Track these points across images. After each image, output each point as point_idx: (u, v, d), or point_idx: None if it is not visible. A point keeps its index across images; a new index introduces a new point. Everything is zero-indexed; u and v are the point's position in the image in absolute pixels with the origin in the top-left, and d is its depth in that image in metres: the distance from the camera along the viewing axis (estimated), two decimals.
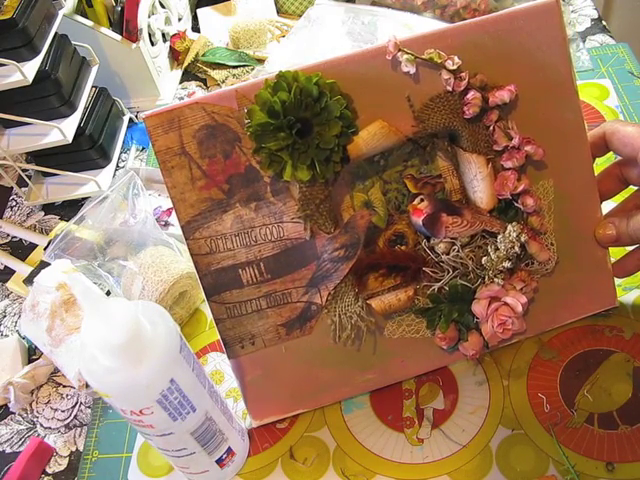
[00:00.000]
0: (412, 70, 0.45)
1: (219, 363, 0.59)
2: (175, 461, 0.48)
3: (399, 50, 0.44)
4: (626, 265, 0.51)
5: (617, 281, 0.53)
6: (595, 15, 0.86)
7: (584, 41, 0.82)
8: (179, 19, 0.94)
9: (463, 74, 0.45)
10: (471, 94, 0.45)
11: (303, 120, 0.43)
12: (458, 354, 0.51)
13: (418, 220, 0.48)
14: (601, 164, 0.54)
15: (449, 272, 0.49)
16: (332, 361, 0.51)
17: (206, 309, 0.63)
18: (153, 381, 0.40)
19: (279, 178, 0.45)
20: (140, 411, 0.40)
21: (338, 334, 0.49)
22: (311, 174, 0.44)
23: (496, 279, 0.48)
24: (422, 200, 0.48)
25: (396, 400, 0.53)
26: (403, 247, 0.49)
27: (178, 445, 0.45)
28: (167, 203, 0.74)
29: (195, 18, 0.98)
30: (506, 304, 0.48)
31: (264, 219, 0.47)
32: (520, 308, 0.48)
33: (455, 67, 0.45)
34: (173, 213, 0.73)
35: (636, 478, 0.46)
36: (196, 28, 0.97)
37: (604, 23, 0.85)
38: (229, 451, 0.49)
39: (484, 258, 0.48)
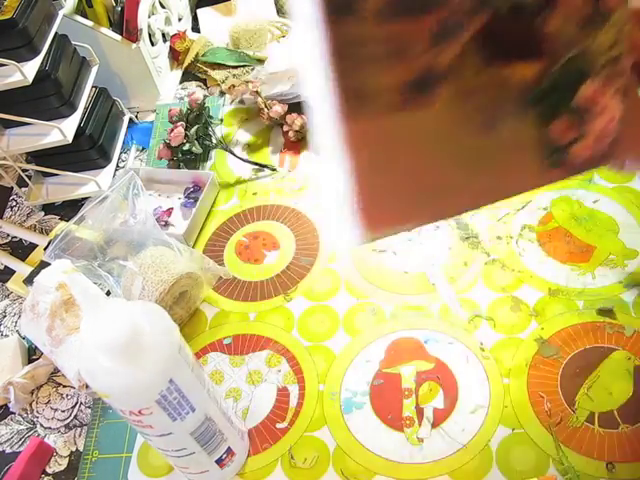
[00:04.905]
0: None
1: (219, 363, 0.59)
2: (175, 461, 0.48)
3: None
4: None
5: (617, 279, 0.52)
6: None
7: None
8: (179, 19, 0.94)
9: None
10: None
11: None
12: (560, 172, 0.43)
13: None
14: None
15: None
16: (450, 154, 0.38)
17: (206, 309, 0.63)
18: (152, 381, 0.40)
19: None
20: (139, 411, 0.40)
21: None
22: None
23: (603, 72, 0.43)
24: None
25: (396, 399, 0.53)
26: None
27: (178, 445, 0.45)
28: (167, 203, 0.74)
29: (195, 18, 0.98)
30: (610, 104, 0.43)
31: None
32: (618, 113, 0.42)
33: None
34: (173, 213, 0.73)
35: (637, 478, 0.46)
36: (196, 28, 0.97)
37: None
38: (229, 451, 0.49)
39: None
